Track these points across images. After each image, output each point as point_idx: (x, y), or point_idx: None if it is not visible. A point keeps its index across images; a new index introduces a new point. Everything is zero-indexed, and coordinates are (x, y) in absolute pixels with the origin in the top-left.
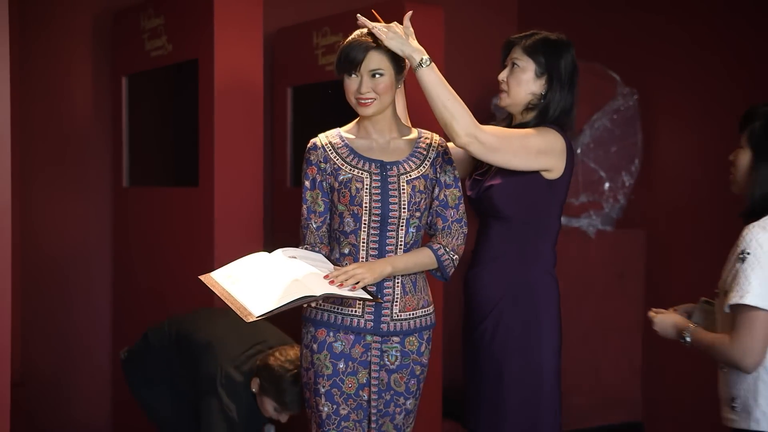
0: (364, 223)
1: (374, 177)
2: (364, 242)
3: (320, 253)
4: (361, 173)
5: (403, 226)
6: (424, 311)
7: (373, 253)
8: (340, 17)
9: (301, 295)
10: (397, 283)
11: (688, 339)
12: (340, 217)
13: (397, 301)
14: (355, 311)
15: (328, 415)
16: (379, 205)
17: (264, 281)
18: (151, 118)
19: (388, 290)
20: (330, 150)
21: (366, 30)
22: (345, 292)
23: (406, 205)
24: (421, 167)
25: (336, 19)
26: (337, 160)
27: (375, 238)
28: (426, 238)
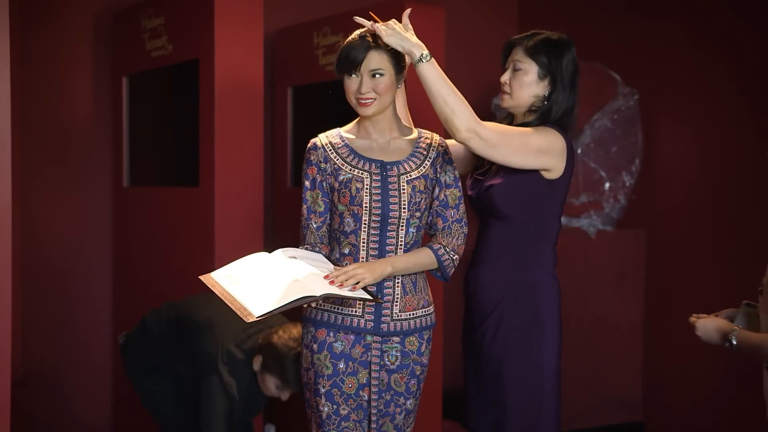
0: (365, 223)
1: (374, 177)
2: (364, 242)
3: (320, 253)
4: (362, 173)
5: (403, 226)
6: (425, 311)
7: (373, 253)
8: (341, 17)
9: (301, 296)
10: (398, 283)
11: (735, 342)
12: (341, 217)
13: (397, 301)
14: (356, 311)
15: (329, 415)
16: (380, 205)
17: (264, 281)
18: (152, 118)
19: (388, 290)
20: (330, 150)
21: (366, 29)
22: (345, 293)
23: (407, 205)
24: (422, 167)
25: (336, 19)
26: (338, 160)
27: (375, 238)
28: (426, 238)
